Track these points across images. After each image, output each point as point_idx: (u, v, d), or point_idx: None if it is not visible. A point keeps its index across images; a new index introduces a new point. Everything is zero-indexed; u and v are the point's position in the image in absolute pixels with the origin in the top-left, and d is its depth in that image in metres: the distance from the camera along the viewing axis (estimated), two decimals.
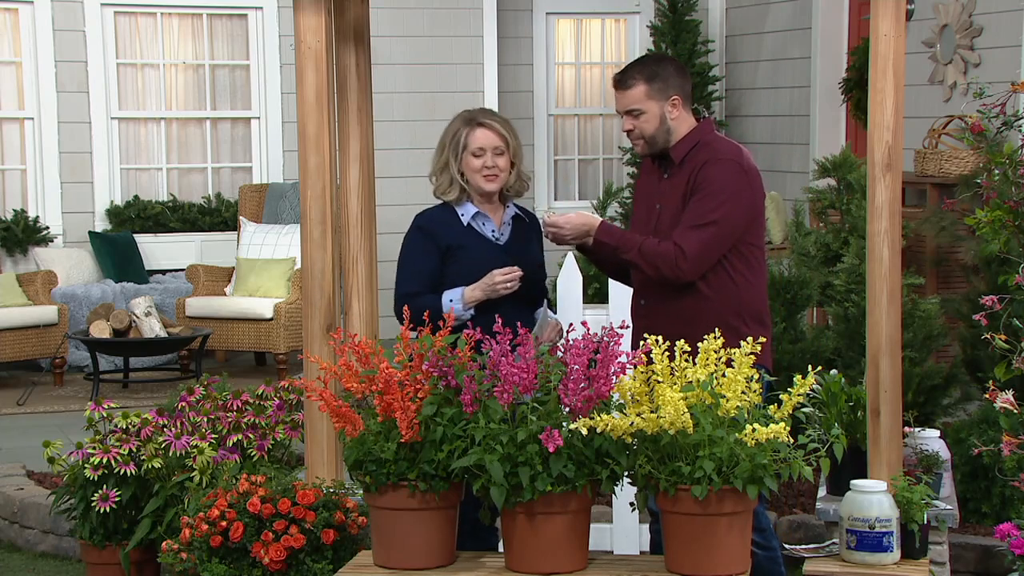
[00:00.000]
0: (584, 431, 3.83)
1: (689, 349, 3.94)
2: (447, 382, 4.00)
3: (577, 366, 3.89)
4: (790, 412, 3.92)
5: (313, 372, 4.50)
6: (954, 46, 9.80)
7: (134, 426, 5.45)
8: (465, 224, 4.93)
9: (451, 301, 4.79)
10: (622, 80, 4.76)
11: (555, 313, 5.15)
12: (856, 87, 10.45)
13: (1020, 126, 4.91)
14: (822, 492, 4.78)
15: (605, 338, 3.91)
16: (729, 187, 4.63)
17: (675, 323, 4.53)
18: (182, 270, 11.12)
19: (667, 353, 3.90)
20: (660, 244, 4.61)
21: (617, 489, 4.00)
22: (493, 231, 4.95)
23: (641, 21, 12.73)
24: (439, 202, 5.01)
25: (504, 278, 4.81)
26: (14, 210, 11.02)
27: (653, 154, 4.79)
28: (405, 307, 4.37)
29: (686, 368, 3.91)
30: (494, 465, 3.84)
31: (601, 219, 4.74)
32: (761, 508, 3.81)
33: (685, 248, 4.57)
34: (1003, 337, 4.48)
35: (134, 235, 11.22)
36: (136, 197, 11.46)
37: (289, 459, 5.46)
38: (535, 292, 4.99)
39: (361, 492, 4.18)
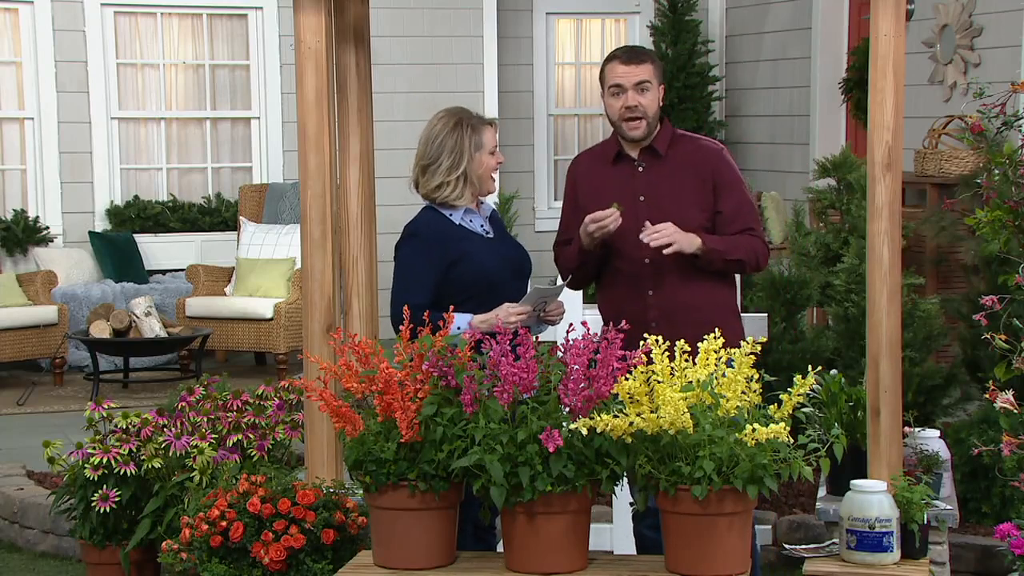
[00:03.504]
0: (584, 431, 3.83)
1: (689, 349, 3.94)
2: (447, 382, 4.00)
3: (577, 366, 3.89)
4: (790, 412, 3.92)
5: (313, 372, 4.50)
6: (954, 46, 9.80)
7: (134, 426, 5.45)
8: (457, 224, 4.81)
9: (458, 328, 4.46)
10: (633, 54, 4.79)
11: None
12: (856, 87, 10.45)
13: (1020, 126, 4.91)
14: (822, 492, 4.78)
15: (605, 338, 3.91)
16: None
17: (688, 312, 4.69)
18: (182, 270, 11.12)
19: (667, 353, 3.91)
20: (750, 240, 4.80)
21: (617, 489, 4.01)
22: (482, 225, 4.89)
23: (641, 21, 12.73)
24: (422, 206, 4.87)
25: (517, 318, 4.63)
26: (14, 210, 11.01)
27: (639, 140, 4.82)
28: (425, 315, 4.16)
29: (686, 368, 3.91)
30: (494, 465, 3.84)
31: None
32: None
33: (765, 243, 4.86)
34: (1003, 337, 4.48)
35: (134, 235, 11.22)
36: (136, 197, 11.45)
37: (289, 459, 5.46)
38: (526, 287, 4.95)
39: (361, 492, 4.17)
